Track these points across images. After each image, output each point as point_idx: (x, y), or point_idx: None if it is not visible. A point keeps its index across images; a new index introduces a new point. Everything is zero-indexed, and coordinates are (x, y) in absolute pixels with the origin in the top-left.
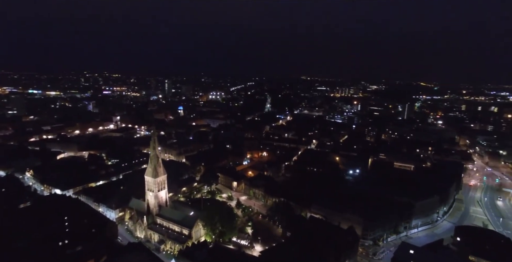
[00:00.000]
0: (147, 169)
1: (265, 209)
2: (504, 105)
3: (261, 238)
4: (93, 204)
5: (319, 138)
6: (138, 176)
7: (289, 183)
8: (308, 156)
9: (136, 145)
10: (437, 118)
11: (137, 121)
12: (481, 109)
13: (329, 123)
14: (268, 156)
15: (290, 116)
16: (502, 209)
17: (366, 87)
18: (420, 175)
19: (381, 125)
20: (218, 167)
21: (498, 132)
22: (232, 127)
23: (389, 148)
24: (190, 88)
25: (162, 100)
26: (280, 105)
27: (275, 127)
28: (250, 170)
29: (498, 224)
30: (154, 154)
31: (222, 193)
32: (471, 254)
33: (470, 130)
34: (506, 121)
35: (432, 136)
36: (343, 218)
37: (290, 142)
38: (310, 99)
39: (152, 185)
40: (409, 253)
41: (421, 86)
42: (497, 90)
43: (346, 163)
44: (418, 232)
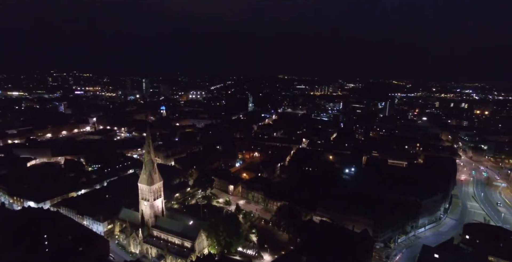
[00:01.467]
0: (141, 176)
1: (267, 214)
2: (472, 102)
3: (268, 246)
4: (76, 217)
5: (308, 137)
6: (125, 182)
7: (288, 185)
8: (301, 156)
9: (119, 148)
10: (415, 114)
11: (116, 123)
12: (453, 105)
13: (316, 121)
14: (260, 156)
15: (275, 115)
16: (496, 202)
17: (343, 85)
18: (415, 172)
19: (368, 123)
20: (212, 170)
21: (477, 128)
22: (219, 127)
23: (380, 146)
24: (169, 88)
25: (140, 100)
26: (262, 104)
27: (262, 127)
28: (244, 172)
29: (496, 218)
30: (149, 159)
31: (218, 197)
32: (490, 254)
33: (451, 126)
34: (477, 117)
35: (418, 133)
36: (351, 220)
37: (280, 142)
38: (291, 98)
39: (147, 194)
40: (434, 257)
41: (394, 84)
42: (461, 87)
43: (341, 162)
44: (425, 231)
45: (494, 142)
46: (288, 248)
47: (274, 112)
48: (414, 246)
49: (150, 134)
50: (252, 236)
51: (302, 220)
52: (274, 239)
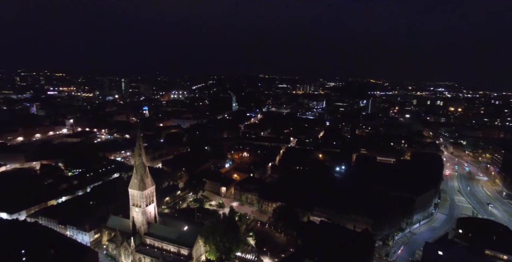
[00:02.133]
0: (132, 181)
1: (262, 215)
2: (446, 100)
3: (267, 249)
4: (58, 227)
5: (296, 136)
6: (111, 187)
7: (282, 185)
8: (291, 155)
9: (101, 151)
10: (395, 112)
11: (96, 124)
12: (429, 103)
13: (302, 120)
14: (249, 156)
15: (260, 114)
16: (480, 196)
17: (324, 84)
18: (404, 168)
19: (352, 121)
20: (202, 171)
21: (454, 124)
22: (205, 127)
23: (367, 143)
24: (149, 88)
25: (120, 100)
26: (246, 103)
27: (249, 126)
28: (235, 173)
29: (482, 211)
30: (141, 163)
31: (211, 200)
32: (486, 248)
33: (431, 122)
34: (452, 114)
35: (401, 130)
36: (349, 219)
37: (269, 141)
38: (275, 97)
39: (139, 200)
40: (438, 254)
41: (371, 83)
42: (434, 86)
43: (331, 160)
44: (420, 227)
45: (472, 137)
46: (288, 250)
47: (259, 111)
48: (411, 243)
49: (141, 136)
50: (250, 239)
51: (302, 222)
52: (272, 242)
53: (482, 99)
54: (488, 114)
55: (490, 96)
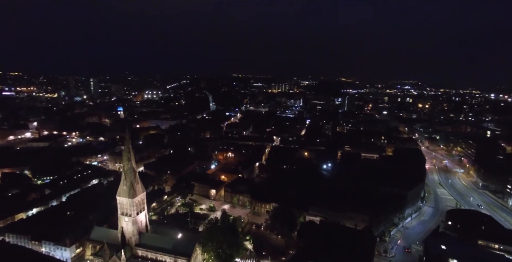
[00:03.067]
0: (120, 188)
1: (256, 218)
2: (414, 97)
3: (266, 253)
4: (31, 243)
5: (278, 134)
6: (90, 195)
7: (273, 185)
8: (277, 154)
9: (74, 155)
10: (369, 109)
11: (65, 127)
12: (400, 100)
13: (282, 119)
14: (234, 156)
15: (239, 113)
16: (459, 188)
17: (298, 82)
18: (389, 163)
19: (332, 118)
20: (188, 174)
21: (425, 120)
22: (185, 127)
23: (349, 140)
24: (120, 88)
25: (89, 101)
26: (224, 102)
27: (230, 125)
28: (222, 174)
29: (463, 202)
30: (130, 168)
31: (200, 204)
32: (479, 238)
33: (406, 119)
34: (421, 110)
35: (379, 126)
36: (346, 217)
37: (252, 140)
38: (251, 96)
39: (129, 208)
40: (442, 249)
41: (342, 81)
42: (400, 84)
43: (317, 158)
44: (411, 221)
45: (443, 132)
46: (287, 252)
47: (239, 111)
48: (406, 237)
49: (129, 137)
50: (247, 243)
51: (302, 222)
52: (270, 245)
53: (444, 96)
54: (451, 110)
55: (450, 94)
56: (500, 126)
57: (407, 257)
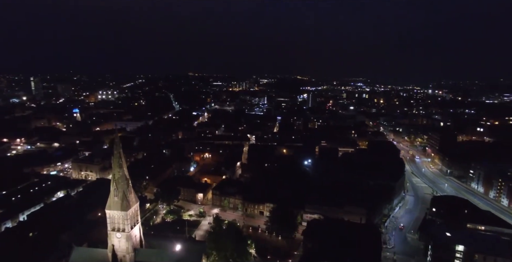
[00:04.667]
0: (111, 200)
1: (251, 220)
2: (369, 93)
3: (271, 257)
4: None
5: (251, 132)
6: (58, 210)
7: (262, 185)
8: (257, 152)
9: (24, 165)
10: (330, 105)
11: (5, 132)
12: (357, 96)
13: (252, 117)
14: (213, 157)
15: (206, 112)
16: (429, 175)
17: (258, 81)
18: (370, 156)
19: (302, 115)
20: (174, 178)
21: (385, 114)
22: (155, 129)
23: (325, 135)
24: (68, 88)
25: (31, 103)
26: (187, 102)
27: (200, 125)
28: (205, 176)
29: (437, 189)
30: (122, 176)
31: (187, 209)
32: (467, 222)
33: (370, 113)
34: (378, 105)
35: (348, 121)
36: (344, 212)
37: (228, 139)
38: (214, 94)
39: (123, 222)
40: (447, 236)
41: (298, 79)
42: (353, 81)
43: (297, 154)
44: (399, 211)
45: (404, 125)
46: (292, 254)
47: (205, 110)
48: (399, 227)
49: (120, 142)
50: (248, 248)
51: (308, 222)
52: (272, 247)
53: (392, 92)
54: (402, 104)
55: (397, 90)
56: (446, 118)
57: (406, 247)
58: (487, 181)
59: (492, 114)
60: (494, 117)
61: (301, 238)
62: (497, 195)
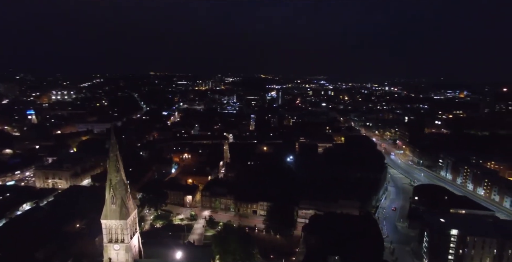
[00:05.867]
0: (107, 208)
1: (244, 220)
2: (335, 90)
3: (274, 256)
4: None
5: (228, 131)
6: (27, 225)
7: (251, 183)
8: (238, 151)
9: None
10: (298, 103)
11: None
12: (323, 93)
13: (225, 115)
14: (192, 157)
15: (177, 112)
16: (403, 166)
17: (223, 79)
18: (350, 150)
19: (275, 112)
20: (158, 181)
21: (352, 110)
22: (126, 130)
23: (300, 132)
24: (14, 87)
25: None
26: (154, 101)
27: (174, 125)
28: (189, 177)
29: (412, 178)
30: (120, 181)
31: (177, 213)
32: (450, 207)
33: (341, 109)
34: (344, 101)
35: (321, 117)
36: (338, 206)
37: (206, 139)
38: (181, 94)
39: (121, 232)
40: (441, 222)
41: (262, 77)
42: (315, 79)
43: (279, 152)
44: (385, 201)
45: (373, 120)
46: (294, 251)
47: (176, 109)
48: (388, 218)
49: (116, 143)
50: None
51: (310, 218)
52: (273, 246)
53: (354, 89)
54: (365, 101)
55: (358, 87)
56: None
57: (398, 235)
58: (455, 169)
59: (443, 109)
60: (445, 111)
61: (299, 235)
62: (464, 181)
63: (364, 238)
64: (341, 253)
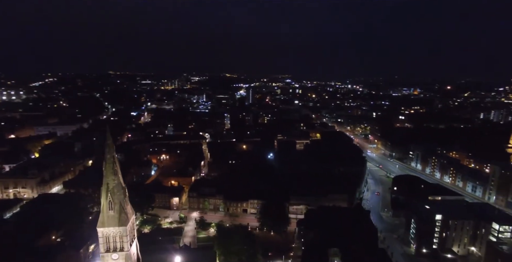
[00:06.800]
0: (104, 215)
1: (235, 219)
2: (301, 88)
3: (272, 254)
4: None
5: (204, 130)
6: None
7: (237, 182)
8: (217, 150)
9: None
10: (268, 101)
11: None
12: (291, 91)
13: (198, 114)
14: (171, 158)
15: (146, 112)
16: (377, 159)
17: (189, 79)
18: (327, 146)
19: (249, 110)
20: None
21: (322, 107)
22: (94, 131)
23: (277, 129)
24: None
25: None
26: (119, 101)
27: (146, 125)
28: (171, 179)
29: (387, 170)
30: (118, 184)
31: (166, 216)
32: (430, 195)
33: (312, 107)
34: (311, 98)
35: (294, 115)
36: (327, 199)
37: (183, 139)
38: (148, 93)
39: (120, 240)
40: (426, 208)
41: (227, 76)
42: (281, 78)
43: (260, 149)
44: (367, 193)
45: (344, 116)
46: (291, 247)
47: (145, 109)
48: (373, 208)
49: (113, 144)
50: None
51: (306, 212)
52: (269, 244)
53: (319, 87)
54: (331, 98)
55: (323, 85)
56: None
57: (384, 224)
58: (423, 160)
59: (403, 105)
60: (406, 107)
61: (292, 231)
62: (432, 170)
63: (359, 229)
64: (339, 244)
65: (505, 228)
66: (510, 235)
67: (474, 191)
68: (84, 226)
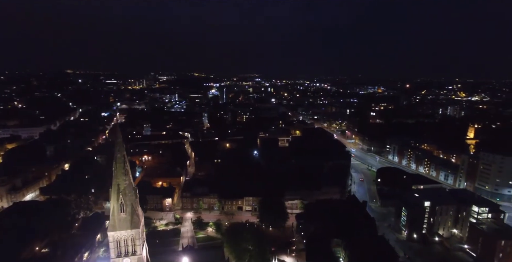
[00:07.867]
0: (115, 218)
1: (231, 217)
2: (271, 86)
3: (275, 249)
4: None
5: (183, 130)
6: None
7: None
8: (201, 149)
9: None
10: (241, 100)
11: None
12: (263, 90)
13: (175, 114)
14: (153, 159)
15: (118, 112)
16: (356, 154)
17: (157, 78)
18: (309, 142)
19: (228, 109)
20: None
21: (302, 104)
22: (65, 134)
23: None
24: None
25: None
26: (86, 102)
27: (122, 126)
28: (159, 180)
29: (368, 164)
30: (129, 184)
31: (160, 218)
32: (413, 185)
33: (288, 105)
34: (284, 96)
35: (272, 112)
36: (322, 193)
37: (164, 139)
38: (116, 93)
39: (132, 243)
40: (415, 196)
41: (195, 76)
42: (251, 77)
43: (244, 147)
44: (353, 185)
45: (320, 113)
46: (292, 241)
47: (116, 109)
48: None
49: (123, 143)
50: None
51: (305, 206)
52: (271, 240)
53: (289, 86)
54: (302, 96)
55: (292, 83)
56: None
57: (374, 214)
58: (400, 153)
59: (371, 102)
60: (375, 104)
61: (290, 225)
62: (408, 162)
63: (357, 219)
64: (341, 235)
65: (483, 209)
66: (487, 216)
67: (446, 179)
68: (74, 233)
